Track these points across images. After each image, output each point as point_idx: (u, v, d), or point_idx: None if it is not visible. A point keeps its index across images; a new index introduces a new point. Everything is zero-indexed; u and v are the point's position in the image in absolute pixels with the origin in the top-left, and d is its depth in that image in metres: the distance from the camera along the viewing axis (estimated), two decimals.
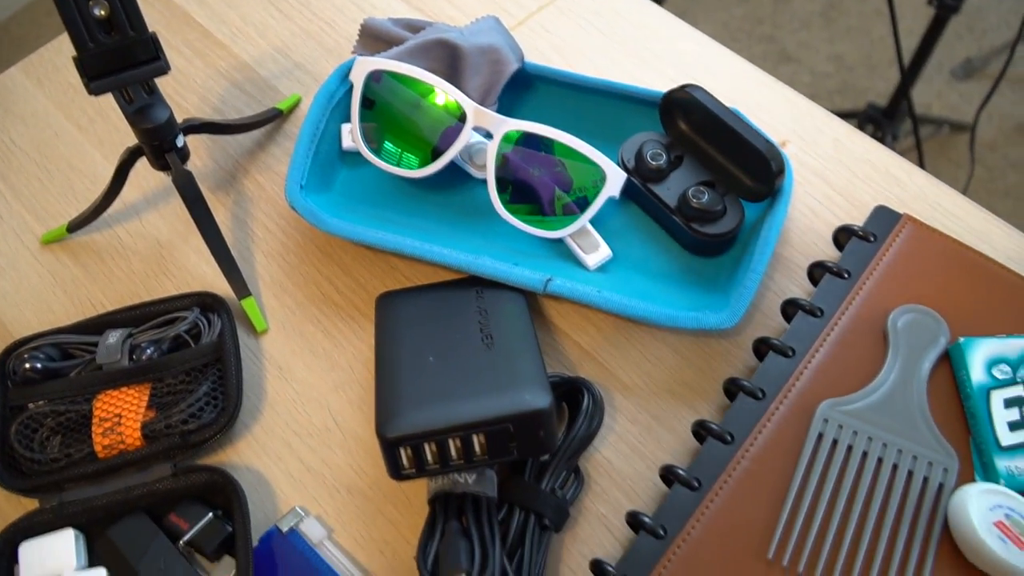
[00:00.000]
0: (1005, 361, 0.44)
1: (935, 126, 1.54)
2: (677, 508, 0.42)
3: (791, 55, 1.70)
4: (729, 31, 1.73)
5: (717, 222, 0.49)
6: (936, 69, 1.66)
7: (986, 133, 1.59)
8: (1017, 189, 1.53)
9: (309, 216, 0.49)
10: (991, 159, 1.57)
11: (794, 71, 1.67)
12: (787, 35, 1.72)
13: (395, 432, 0.39)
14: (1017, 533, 0.38)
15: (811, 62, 1.69)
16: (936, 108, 1.62)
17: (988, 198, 1.52)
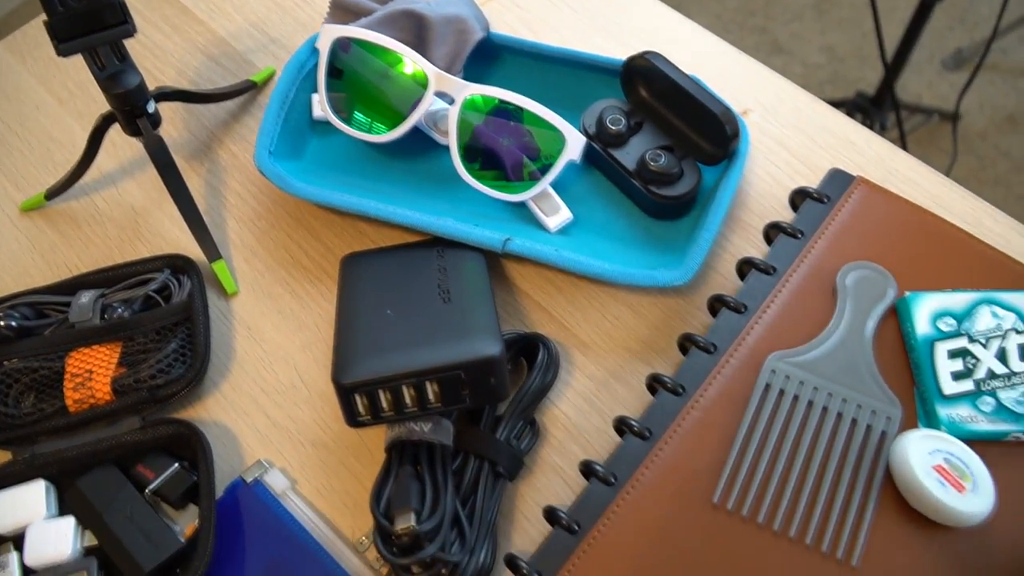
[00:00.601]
0: (950, 314, 0.45)
1: (925, 115, 1.55)
2: (628, 457, 0.43)
3: (783, 46, 1.71)
4: (722, 23, 1.74)
5: (674, 184, 0.50)
6: (927, 60, 1.67)
7: (977, 123, 1.60)
8: (1006, 177, 1.54)
9: (276, 180, 0.51)
10: (981, 148, 1.57)
11: (786, 62, 1.68)
12: (779, 27, 1.73)
13: (350, 378, 0.40)
14: (956, 477, 0.39)
15: (803, 53, 1.69)
16: (927, 98, 1.63)
17: (978, 186, 1.53)
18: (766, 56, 1.69)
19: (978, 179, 1.54)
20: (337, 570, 0.43)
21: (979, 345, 0.44)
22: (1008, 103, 1.62)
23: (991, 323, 0.44)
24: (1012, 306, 0.45)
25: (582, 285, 0.51)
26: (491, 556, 0.41)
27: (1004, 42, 1.68)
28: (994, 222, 0.52)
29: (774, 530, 0.40)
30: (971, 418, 0.42)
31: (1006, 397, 0.42)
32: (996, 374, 0.43)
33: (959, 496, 0.39)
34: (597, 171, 0.54)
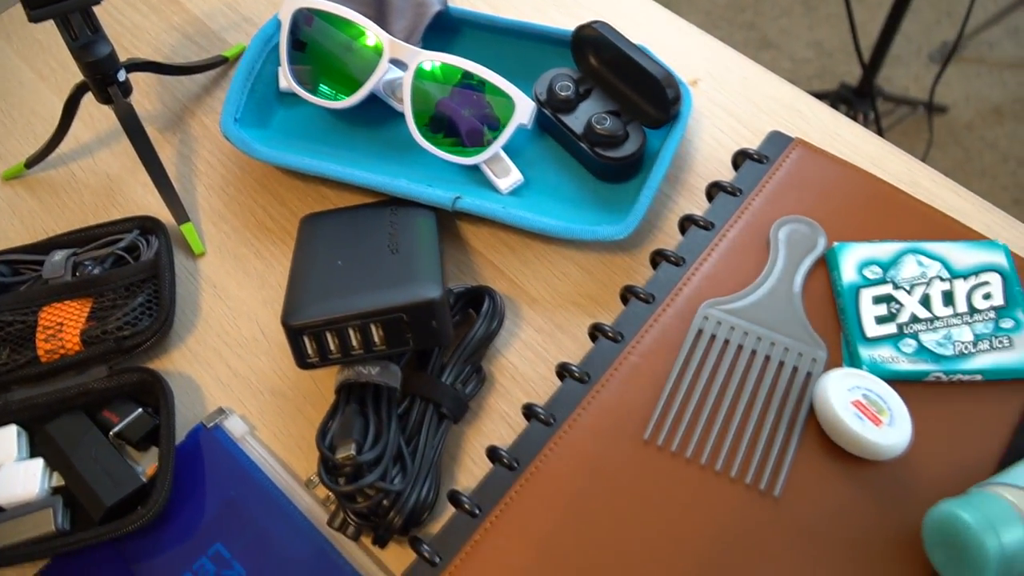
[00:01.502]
0: (877, 263, 0.47)
1: (911, 107, 1.57)
2: (567, 399, 0.45)
3: (772, 42, 1.73)
4: (712, 19, 1.77)
5: (620, 147, 0.52)
6: (915, 54, 1.69)
7: (964, 115, 1.62)
8: (992, 169, 1.55)
9: (241, 145, 0.53)
10: (968, 140, 1.59)
11: (774, 57, 1.70)
12: (768, 22, 1.75)
13: (297, 320, 0.42)
14: (873, 411, 0.41)
15: (791, 48, 1.71)
16: (914, 91, 1.64)
17: (965, 178, 1.54)
18: (755, 51, 1.71)
19: (964, 171, 1.55)
20: (289, 507, 0.45)
21: (903, 291, 0.46)
22: (994, 95, 1.63)
23: (916, 271, 0.46)
24: (937, 255, 0.47)
25: (533, 244, 0.53)
26: (434, 492, 0.44)
27: (990, 35, 1.70)
28: (931, 182, 0.54)
29: (701, 464, 0.42)
30: (892, 358, 0.44)
31: (927, 339, 0.44)
32: (919, 318, 0.45)
33: (875, 429, 0.41)
34: (549, 137, 0.56)
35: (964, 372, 0.43)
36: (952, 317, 0.45)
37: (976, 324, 0.45)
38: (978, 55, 1.68)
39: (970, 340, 0.44)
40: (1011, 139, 1.58)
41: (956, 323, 0.45)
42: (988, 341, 0.44)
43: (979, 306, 0.45)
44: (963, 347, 0.44)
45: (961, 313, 0.45)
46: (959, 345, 0.44)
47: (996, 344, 0.44)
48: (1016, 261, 0.47)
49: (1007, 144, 1.57)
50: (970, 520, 0.36)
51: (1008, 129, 1.59)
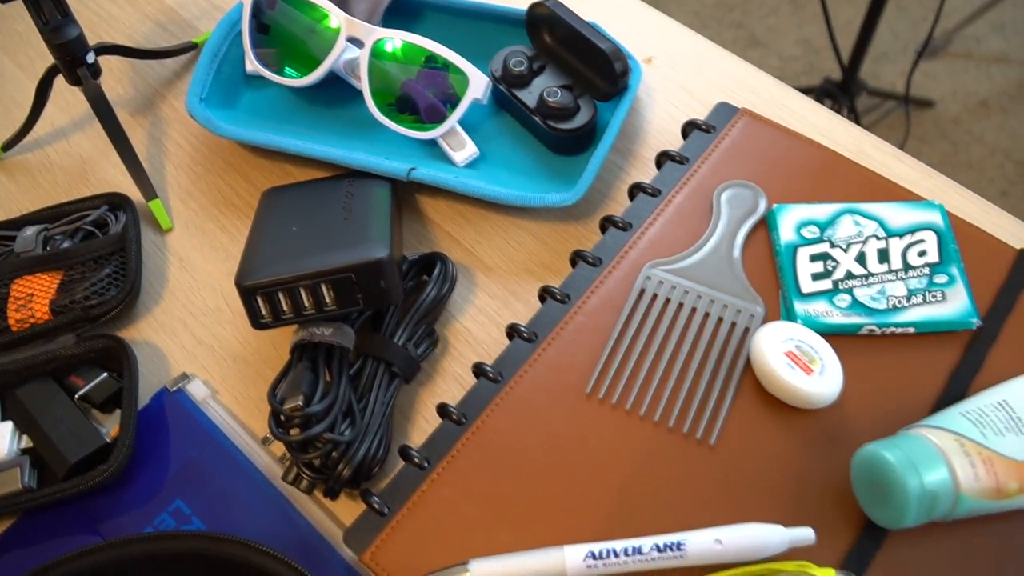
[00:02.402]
0: (814, 223, 0.48)
1: (897, 101, 1.58)
2: (514, 357, 0.47)
3: (760, 40, 1.74)
4: (700, 19, 1.78)
5: (571, 119, 0.54)
6: (901, 50, 1.70)
7: (950, 109, 1.63)
8: (980, 162, 1.56)
9: (205, 122, 0.55)
10: (955, 133, 1.60)
11: (762, 55, 1.72)
12: (756, 21, 1.77)
13: (250, 280, 0.44)
14: (805, 361, 0.43)
15: (779, 46, 1.73)
16: (900, 86, 1.65)
17: (952, 170, 1.55)
18: (743, 49, 1.73)
19: (951, 164, 1.56)
20: (247, 465, 0.46)
21: (839, 250, 0.47)
22: (981, 89, 1.64)
23: (853, 231, 0.47)
24: (874, 215, 0.48)
25: (488, 216, 0.55)
26: (384, 447, 0.45)
27: (976, 30, 1.71)
28: (875, 150, 0.55)
29: (640, 415, 0.44)
30: (826, 312, 0.45)
31: (862, 294, 0.46)
32: (854, 275, 0.46)
33: (806, 378, 0.42)
34: (506, 113, 0.58)
35: (897, 325, 0.45)
36: (887, 274, 0.46)
37: (910, 280, 0.46)
38: (965, 50, 1.69)
39: (903, 295, 0.45)
40: (998, 132, 1.59)
41: (890, 279, 0.46)
42: (921, 296, 0.45)
43: (914, 263, 0.46)
44: (896, 301, 0.45)
45: (896, 270, 0.46)
46: (892, 299, 0.45)
47: (929, 298, 0.45)
48: (952, 220, 0.48)
49: (994, 137, 1.58)
50: (893, 460, 0.38)
51: (995, 122, 1.60)
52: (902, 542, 0.40)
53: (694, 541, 0.39)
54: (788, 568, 0.39)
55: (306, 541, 0.44)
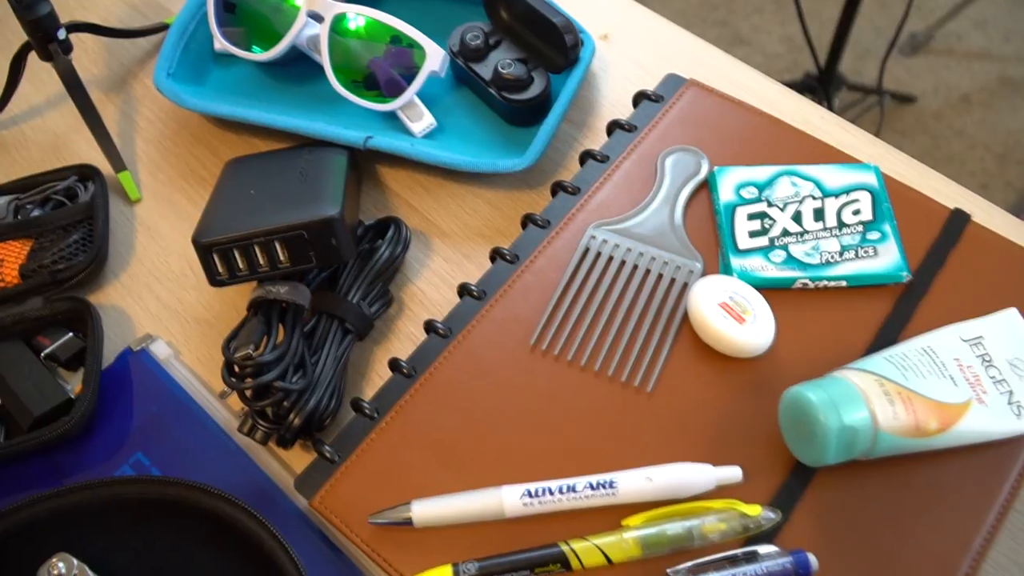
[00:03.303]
0: (753, 184, 0.50)
1: (878, 96, 1.60)
2: (464, 314, 0.48)
3: (744, 38, 1.76)
4: (685, 17, 1.81)
5: (525, 90, 0.56)
6: (884, 46, 1.72)
7: (932, 104, 1.64)
8: (960, 155, 1.58)
9: (172, 95, 0.57)
10: (936, 128, 1.61)
11: (747, 52, 1.74)
12: (740, 20, 1.79)
13: (206, 238, 0.46)
14: (738, 312, 0.44)
15: (763, 44, 1.75)
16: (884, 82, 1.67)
17: (934, 164, 1.57)
18: (728, 47, 1.75)
19: (933, 157, 1.58)
20: (206, 419, 0.48)
21: (776, 209, 0.49)
22: (962, 84, 1.66)
23: (790, 191, 0.49)
24: (811, 176, 0.50)
25: (446, 184, 0.57)
26: (337, 400, 0.47)
27: (958, 26, 1.73)
28: (820, 119, 0.57)
29: (581, 365, 0.45)
30: (761, 267, 0.47)
31: (796, 250, 0.47)
32: (789, 232, 0.48)
33: (738, 327, 0.44)
34: (466, 88, 0.60)
35: (829, 278, 0.46)
36: (822, 231, 0.48)
37: (844, 237, 0.48)
38: (947, 46, 1.71)
39: (836, 250, 0.47)
40: (979, 126, 1.61)
41: (825, 236, 0.48)
42: (854, 251, 0.47)
43: (848, 221, 0.48)
44: (829, 256, 0.47)
45: (830, 227, 0.48)
46: (826, 255, 0.47)
47: (861, 254, 0.47)
48: (887, 181, 0.50)
49: (974, 131, 1.60)
50: (815, 399, 0.39)
51: (976, 117, 1.62)
52: (828, 481, 0.42)
53: (626, 479, 0.41)
54: (716, 506, 0.40)
55: (261, 489, 0.46)
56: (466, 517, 0.41)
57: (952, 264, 0.47)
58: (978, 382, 0.42)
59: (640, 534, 0.40)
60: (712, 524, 0.40)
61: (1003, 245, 0.48)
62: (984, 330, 0.44)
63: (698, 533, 0.39)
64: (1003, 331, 0.44)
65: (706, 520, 0.40)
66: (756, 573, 0.38)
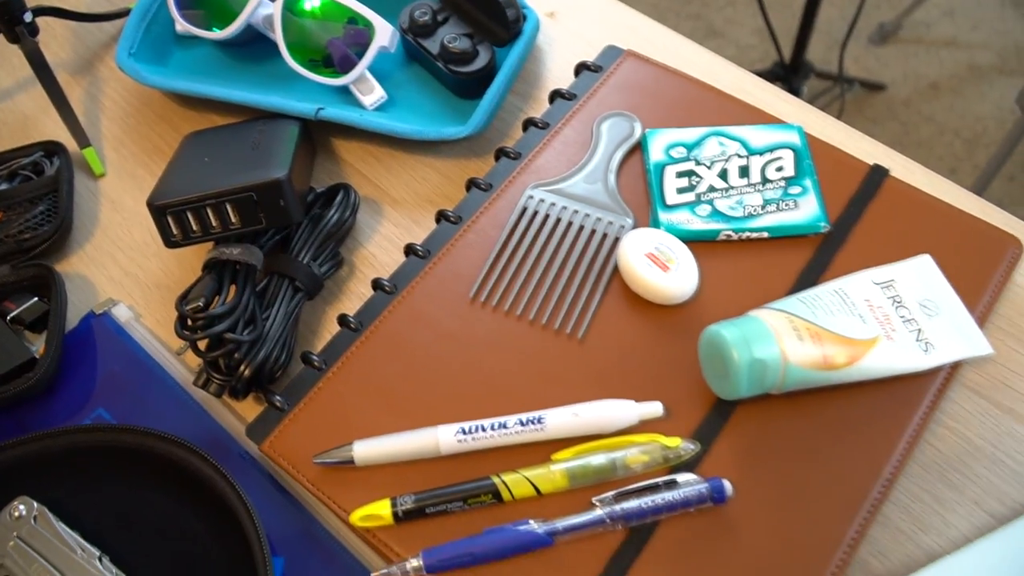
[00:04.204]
0: (682, 145, 0.52)
1: (848, 84, 1.63)
2: (409, 271, 0.51)
3: (717, 30, 1.79)
4: (659, 11, 1.84)
5: (470, 63, 0.58)
6: (855, 36, 1.75)
7: (901, 91, 1.67)
8: (929, 140, 1.61)
9: (133, 73, 0.59)
10: (905, 114, 1.64)
11: (720, 44, 1.77)
12: (714, 12, 1.82)
13: (160, 201, 0.48)
14: (663, 261, 0.47)
15: (736, 36, 1.78)
16: (854, 71, 1.70)
17: (903, 150, 1.60)
18: (702, 39, 1.77)
19: (902, 143, 1.61)
20: (164, 376, 0.50)
21: (704, 167, 0.51)
22: (931, 72, 1.69)
23: (717, 150, 0.52)
24: (737, 136, 0.52)
25: (397, 155, 0.59)
26: (287, 354, 0.49)
27: (927, 15, 1.76)
28: (755, 88, 0.59)
29: (517, 315, 0.48)
30: (687, 221, 0.49)
31: (721, 204, 0.50)
32: (715, 188, 0.50)
33: (663, 275, 0.46)
34: (416, 64, 0.62)
35: (751, 230, 0.49)
36: (746, 187, 0.50)
37: (767, 191, 0.50)
38: (915, 35, 1.74)
39: (759, 204, 0.50)
40: (947, 112, 1.64)
41: (749, 191, 0.50)
42: (776, 204, 0.50)
43: (771, 177, 0.51)
44: (752, 209, 0.49)
45: (755, 183, 0.50)
46: (749, 208, 0.49)
47: (783, 207, 0.49)
48: (810, 140, 0.53)
49: (943, 117, 1.63)
50: (728, 336, 0.42)
51: (944, 103, 1.65)
52: (747, 415, 0.44)
53: (553, 416, 0.43)
54: (639, 439, 0.43)
55: (215, 439, 0.48)
56: (405, 455, 0.44)
57: (870, 215, 0.50)
58: (887, 321, 0.44)
59: (566, 466, 0.42)
60: (635, 456, 0.42)
61: (919, 197, 0.50)
62: (896, 274, 0.47)
63: (621, 464, 0.42)
64: (915, 275, 0.47)
65: (629, 452, 0.42)
66: (674, 498, 0.41)
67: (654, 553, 0.41)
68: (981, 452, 0.46)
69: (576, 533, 0.41)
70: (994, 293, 0.48)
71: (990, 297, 0.47)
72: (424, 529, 0.42)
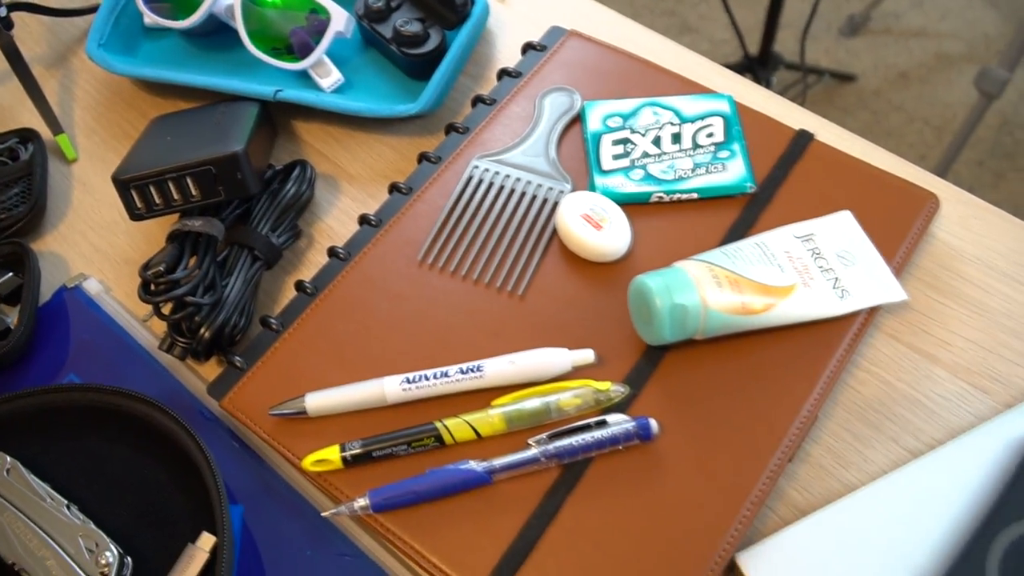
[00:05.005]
0: (618, 115, 0.55)
1: (817, 76, 1.66)
2: (362, 239, 0.54)
3: (691, 26, 1.83)
4: (634, 8, 1.87)
5: (422, 45, 0.61)
6: (825, 29, 1.79)
7: (872, 82, 1.71)
8: (899, 129, 1.64)
9: (102, 62, 0.62)
10: (876, 104, 1.68)
11: (694, 39, 1.80)
12: (687, 9, 1.86)
13: (123, 175, 0.51)
14: (596, 220, 0.50)
15: (709, 31, 1.82)
16: (825, 62, 1.74)
17: (873, 139, 1.63)
18: (676, 35, 1.81)
19: (872, 132, 1.64)
20: (132, 343, 0.53)
21: (638, 135, 0.54)
22: (900, 61, 1.73)
23: (651, 120, 0.55)
24: (670, 106, 0.55)
25: (355, 134, 0.62)
26: (246, 319, 0.52)
27: (896, 6, 1.80)
28: (697, 66, 0.62)
29: (461, 276, 0.51)
30: (621, 184, 0.52)
31: (654, 169, 0.53)
32: (648, 154, 0.53)
33: (596, 233, 0.49)
34: (373, 49, 0.65)
35: (681, 191, 0.52)
36: (678, 152, 0.53)
37: (697, 156, 0.53)
38: (885, 26, 1.77)
39: (689, 168, 0.53)
40: (917, 101, 1.67)
41: (680, 156, 0.53)
42: (705, 168, 0.53)
43: (702, 143, 0.54)
44: (682, 173, 0.52)
45: (686, 149, 0.54)
46: (679, 172, 0.52)
47: (712, 170, 0.52)
48: (740, 108, 0.56)
49: (913, 106, 1.66)
50: (652, 285, 0.45)
51: (914, 92, 1.68)
52: (675, 361, 0.47)
53: (492, 364, 0.46)
54: (573, 384, 0.46)
55: (180, 399, 0.51)
56: (354, 405, 0.46)
57: (795, 176, 0.53)
58: (806, 270, 0.47)
59: (504, 410, 0.45)
60: (568, 399, 0.45)
61: (842, 159, 0.54)
62: (816, 229, 0.50)
63: (555, 407, 0.45)
64: (834, 229, 0.50)
65: (562, 396, 0.45)
66: (604, 436, 0.44)
67: (587, 488, 0.44)
68: (900, 393, 0.48)
69: (513, 471, 0.44)
70: (911, 244, 0.51)
71: (907, 248, 0.50)
72: (372, 472, 0.45)
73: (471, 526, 0.43)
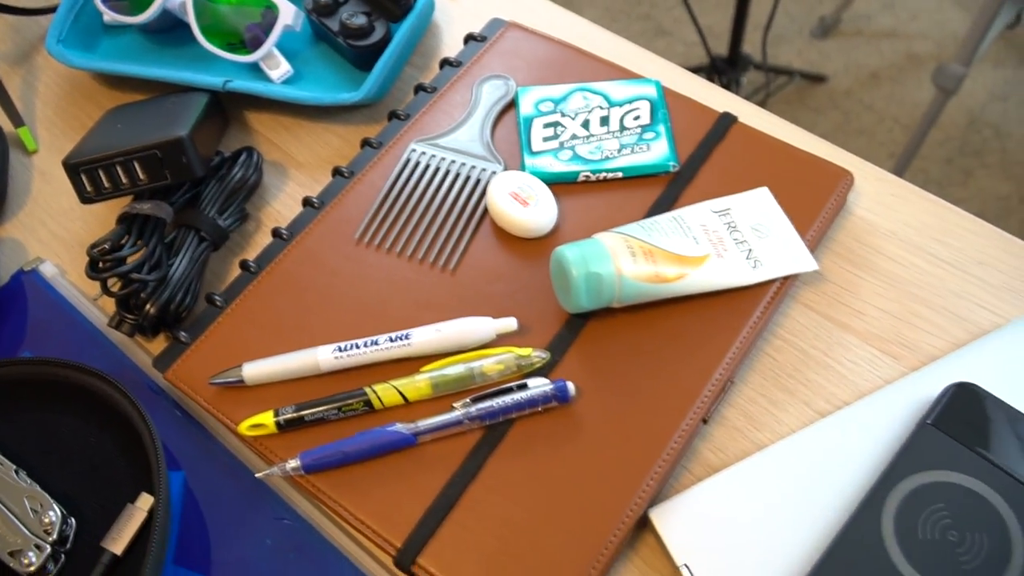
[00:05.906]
0: (550, 100, 0.58)
1: (788, 76, 1.69)
2: (303, 220, 0.56)
3: (666, 30, 1.86)
4: (611, 13, 1.90)
5: (367, 37, 0.64)
6: (797, 31, 1.82)
7: (843, 83, 1.74)
8: (870, 128, 1.67)
9: (60, 57, 0.65)
10: (847, 104, 1.71)
11: (669, 43, 1.83)
12: (662, 13, 1.89)
13: (73, 160, 0.54)
14: (524, 198, 0.52)
15: (683, 35, 1.85)
16: (797, 64, 1.77)
17: (844, 138, 1.66)
18: (651, 39, 1.84)
19: (844, 131, 1.67)
20: (84, 322, 0.56)
21: (568, 118, 0.57)
22: (871, 62, 1.76)
23: (581, 104, 0.57)
24: (600, 91, 0.58)
25: (304, 124, 0.65)
26: (192, 296, 0.54)
27: (867, 7, 1.83)
28: (632, 55, 0.65)
29: (396, 253, 0.53)
30: (549, 164, 0.55)
31: (581, 150, 0.55)
32: (577, 136, 0.56)
33: (523, 209, 0.52)
34: (323, 43, 0.68)
35: (607, 170, 0.54)
36: (605, 134, 0.56)
37: (623, 137, 0.56)
38: (856, 28, 1.80)
39: (616, 148, 0.55)
40: (887, 101, 1.70)
41: (608, 138, 0.56)
42: (631, 148, 0.55)
43: (629, 125, 0.56)
44: (609, 153, 0.55)
45: (613, 131, 0.56)
46: (606, 152, 0.55)
47: (637, 150, 0.55)
48: (666, 92, 0.58)
49: (883, 105, 1.69)
50: (569, 255, 0.47)
51: (884, 92, 1.71)
52: (595, 329, 0.49)
53: (419, 332, 0.48)
54: (496, 351, 0.48)
55: (128, 374, 0.53)
56: (289, 373, 0.49)
57: (716, 156, 0.55)
58: (720, 242, 0.50)
59: (430, 375, 0.47)
60: (490, 365, 0.47)
61: (762, 139, 0.56)
62: (733, 204, 0.52)
63: (478, 372, 0.47)
64: (751, 204, 0.52)
65: (485, 362, 0.47)
66: (523, 398, 0.46)
67: (508, 448, 0.46)
68: (814, 360, 0.51)
69: (437, 433, 0.46)
70: (826, 218, 0.53)
71: (822, 221, 0.53)
72: (304, 436, 0.47)
73: (397, 485, 0.45)
